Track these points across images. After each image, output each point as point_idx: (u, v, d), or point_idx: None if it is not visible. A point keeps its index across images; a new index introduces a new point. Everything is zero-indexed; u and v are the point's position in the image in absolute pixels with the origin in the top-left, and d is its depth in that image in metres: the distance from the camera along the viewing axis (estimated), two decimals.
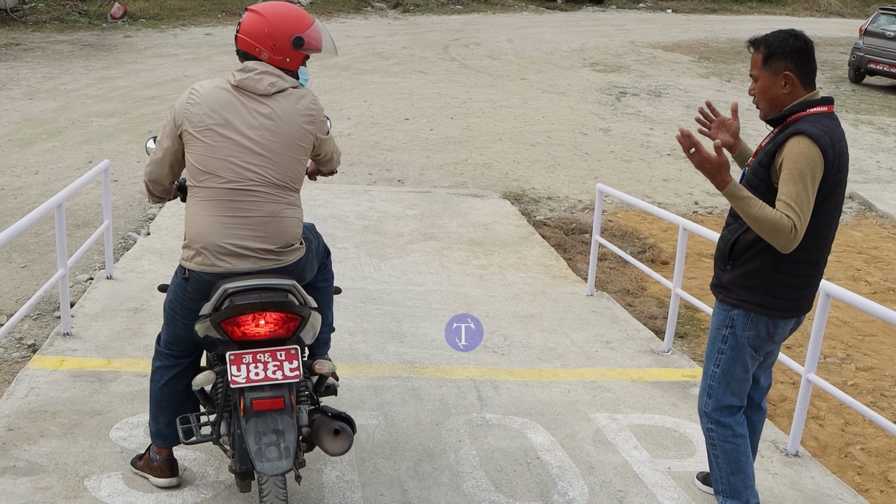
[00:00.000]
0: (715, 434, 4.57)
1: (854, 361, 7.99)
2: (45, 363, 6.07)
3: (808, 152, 3.98)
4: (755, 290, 4.29)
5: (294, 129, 4.16)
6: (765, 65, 4.21)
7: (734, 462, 4.55)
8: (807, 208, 3.97)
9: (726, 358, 4.46)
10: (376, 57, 23.72)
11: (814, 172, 3.99)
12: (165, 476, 4.67)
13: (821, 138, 4.01)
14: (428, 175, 13.15)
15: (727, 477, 4.58)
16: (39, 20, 25.30)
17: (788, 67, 4.17)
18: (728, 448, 4.54)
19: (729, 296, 4.40)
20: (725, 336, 4.44)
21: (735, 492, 4.59)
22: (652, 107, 19.60)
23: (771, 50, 4.19)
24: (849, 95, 23.00)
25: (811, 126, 4.04)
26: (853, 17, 45.03)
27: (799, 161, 3.98)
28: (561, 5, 39.43)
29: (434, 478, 5.03)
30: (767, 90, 4.24)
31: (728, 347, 4.44)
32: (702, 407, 4.62)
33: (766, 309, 4.30)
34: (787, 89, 4.19)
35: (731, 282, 4.38)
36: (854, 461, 6.47)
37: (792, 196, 3.96)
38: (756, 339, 4.38)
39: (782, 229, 3.94)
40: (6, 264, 8.50)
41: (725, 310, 4.43)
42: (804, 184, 3.96)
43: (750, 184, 4.23)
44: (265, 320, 3.99)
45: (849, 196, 13.61)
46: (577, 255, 10.09)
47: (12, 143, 13.15)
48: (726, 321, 4.43)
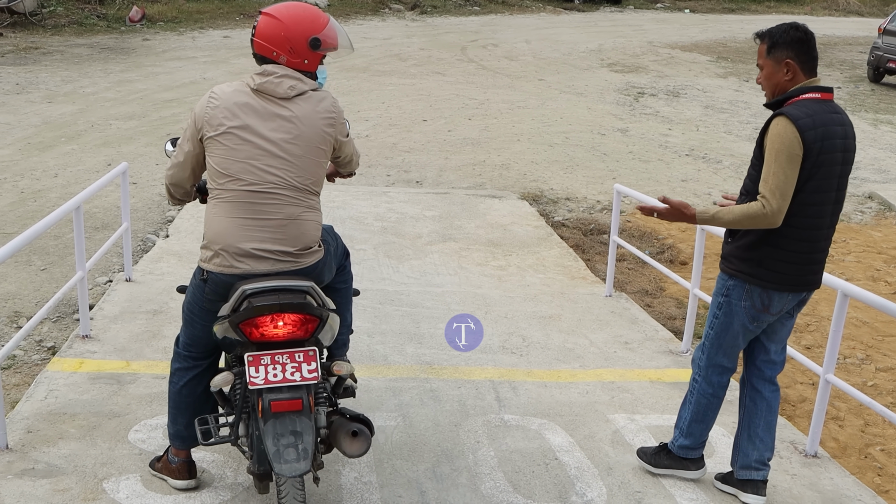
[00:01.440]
0: (697, 385, 4.98)
1: (874, 362, 7.95)
2: (65, 365, 6.09)
3: (785, 133, 4.30)
4: (750, 261, 4.59)
5: (314, 131, 4.16)
6: (769, 54, 4.52)
7: (701, 414, 4.98)
8: (783, 185, 4.29)
9: (720, 323, 4.80)
10: (394, 58, 23.74)
11: (790, 152, 4.29)
12: (184, 478, 4.68)
13: (800, 119, 4.30)
14: (446, 176, 13.15)
15: (690, 422, 5.01)
16: (58, 24, 25.43)
17: (790, 56, 4.46)
18: (703, 402, 4.96)
19: (727, 266, 4.73)
20: (721, 303, 4.77)
21: (691, 434, 5.04)
22: (670, 107, 19.56)
23: (774, 40, 4.50)
24: (868, 95, 22.89)
25: (793, 109, 4.36)
26: (872, 16, 44.86)
27: (775, 141, 4.31)
28: (578, 6, 39.39)
29: (452, 479, 5.02)
30: (771, 77, 4.55)
31: (722, 314, 4.78)
32: (696, 360, 5.02)
33: (759, 280, 4.59)
34: (789, 76, 4.49)
35: (730, 253, 4.70)
36: (874, 462, 6.44)
37: (767, 177, 4.32)
38: (752, 309, 4.67)
39: (756, 215, 4.33)
40: (26, 267, 8.54)
41: (724, 279, 4.76)
42: (779, 163, 4.29)
43: (752, 165, 4.56)
44: (284, 322, 3.99)
45: (868, 196, 13.57)
46: (595, 256, 10.07)
47: (32, 147, 13.21)
48: (723, 290, 4.75)
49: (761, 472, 4.93)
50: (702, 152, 15.56)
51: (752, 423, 4.94)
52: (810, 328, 8.52)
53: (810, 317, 8.79)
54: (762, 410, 4.94)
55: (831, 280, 5.40)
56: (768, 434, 4.93)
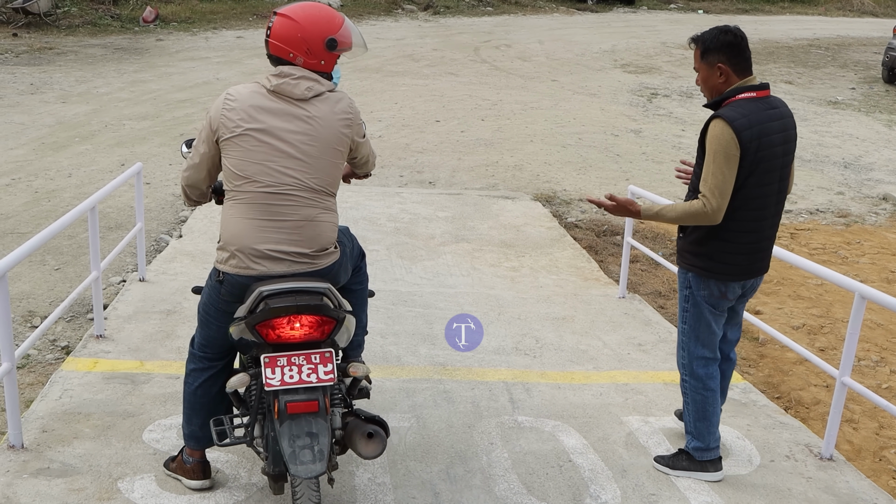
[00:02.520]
0: (688, 385, 5.14)
1: (888, 364, 7.92)
2: (79, 365, 6.11)
3: (722, 134, 4.54)
4: (702, 256, 4.86)
5: (331, 133, 4.17)
6: (702, 59, 4.79)
7: (701, 411, 5.10)
8: (721, 184, 4.54)
9: (691, 315, 5.03)
10: (407, 59, 23.75)
11: (727, 152, 4.53)
12: (198, 478, 4.69)
13: (736, 121, 4.54)
14: (459, 177, 13.15)
15: (694, 422, 5.14)
16: (72, 24, 25.50)
17: (721, 60, 4.71)
18: (698, 399, 5.10)
19: (683, 261, 5.00)
20: (686, 296, 5.03)
21: (700, 435, 5.14)
22: (683, 108, 19.52)
23: (707, 45, 4.77)
24: (882, 95, 22.81)
25: (729, 111, 4.60)
26: (887, 16, 44.71)
27: (713, 143, 4.56)
28: (592, 7, 39.34)
29: (466, 480, 5.02)
30: (706, 80, 4.80)
31: (691, 305, 5.02)
32: (679, 360, 5.19)
33: (713, 273, 4.86)
34: (723, 79, 4.73)
35: (684, 248, 4.98)
36: (889, 465, 6.42)
37: (706, 176, 4.57)
38: (711, 297, 4.94)
39: (697, 213, 4.60)
40: (40, 267, 8.56)
41: (682, 273, 5.03)
42: (717, 163, 4.54)
43: (696, 163, 4.81)
44: (300, 323, 3.99)
45: (882, 197, 13.53)
46: (608, 258, 10.06)
47: (46, 147, 13.25)
48: (685, 283, 5.02)
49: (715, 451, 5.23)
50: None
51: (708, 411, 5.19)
52: (824, 330, 8.50)
53: (824, 318, 8.77)
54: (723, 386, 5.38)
55: (848, 282, 5.40)
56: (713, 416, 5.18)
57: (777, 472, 5.36)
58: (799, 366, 7.77)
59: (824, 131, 17.73)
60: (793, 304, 9.21)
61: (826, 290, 9.53)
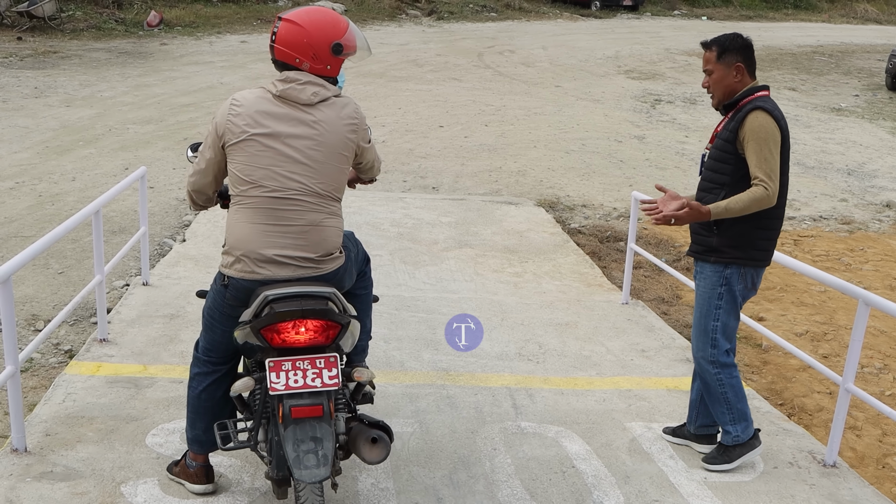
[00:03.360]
0: (723, 375, 5.27)
1: (892, 371, 7.91)
2: (82, 369, 6.11)
3: (766, 123, 4.84)
4: (743, 247, 5.05)
5: (337, 138, 4.17)
6: (719, 59, 5.04)
7: (739, 391, 5.32)
8: (775, 167, 4.83)
9: (724, 311, 5.19)
10: (411, 64, 23.77)
11: (774, 138, 4.84)
12: (201, 482, 4.68)
13: (774, 111, 4.88)
14: (462, 182, 13.15)
15: (736, 406, 5.32)
16: (77, 28, 25.55)
17: (739, 60, 5.01)
18: (734, 383, 5.29)
19: (721, 257, 5.11)
20: (721, 293, 5.16)
21: (743, 415, 5.34)
22: (687, 114, 19.53)
23: (724, 47, 5.04)
24: (886, 103, 22.81)
25: (765, 103, 4.90)
26: (890, 23, 44.74)
27: (759, 132, 4.83)
28: (596, 13, 39.40)
29: (469, 486, 5.02)
30: (722, 80, 5.06)
31: (724, 302, 5.17)
32: (707, 356, 5.29)
33: (752, 261, 5.09)
34: (738, 78, 5.03)
35: (723, 244, 5.09)
36: (892, 472, 6.41)
37: (760, 163, 4.81)
38: (744, 290, 5.17)
39: (761, 198, 4.80)
40: (43, 270, 8.57)
41: (718, 270, 5.14)
42: (769, 149, 4.82)
43: (717, 160, 5.08)
44: (305, 328, 3.99)
45: (886, 204, 13.53)
46: (612, 263, 10.06)
47: (50, 150, 13.26)
48: (720, 280, 5.15)
49: (715, 427, 5.56)
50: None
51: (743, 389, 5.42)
52: (827, 337, 8.49)
53: (827, 325, 8.76)
54: None
55: (851, 289, 5.40)
56: None
57: (780, 478, 5.36)
58: (802, 372, 7.76)
59: (828, 138, 17.73)
60: (796, 310, 9.20)
61: (829, 297, 9.52)
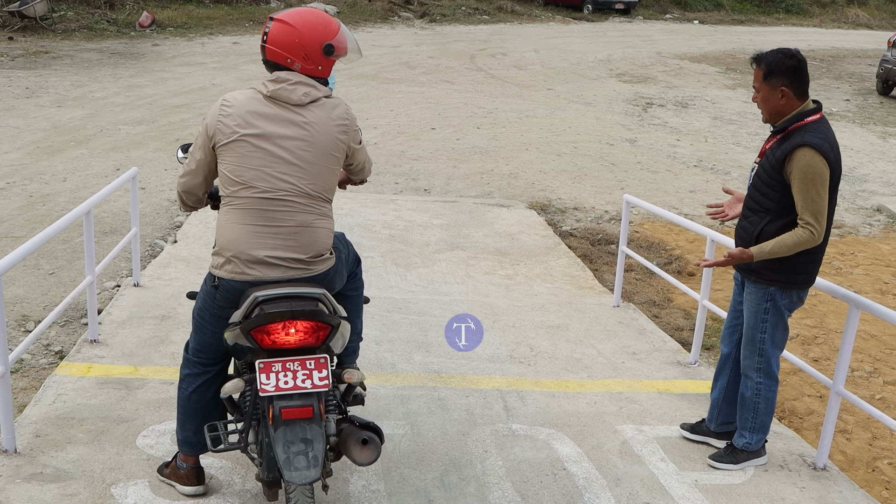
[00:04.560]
0: (764, 386, 5.35)
1: (882, 375, 7.93)
2: (73, 370, 6.10)
3: (815, 162, 4.78)
4: (784, 270, 5.08)
5: (328, 139, 4.16)
6: (765, 80, 4.97)
7: (771, 405, 5.40)
8: (823, 208, 4.84)
9: (771, 325, 5.24)
10: (403, 66, 23.76)
11: (822, 178, 4.80)
12: (192, 484, 4.68)
13: (822, 146, 4.80)
14: (454, 184, 13.16)
15: (762, 418, 5.42)
16: (68, 28, 25.48)
17: (784, 83, 4.91)
18: (770, 396, 5.37)
19: (761, 278, 5.15)
20: (767, 308, 5.21)
21: (764, 427, 5.45)
22: (679, 118, 19.55)
23: (770, 68, 4.93)
24: (877, 107, 22.87)
25: (812, 138, 4.82)
26: (881, 28, 44.83)
27: (807, 171, 4.79)
28: (588, 16, 39.43)
29: (460, 488, 5.02)
30: (767, 101, 5.01)
31: (770, 316, 5.22)
32: (753, 365, 5.35)
33: (794, 284, 5.14)
34: (784, 101, 4.95)
35: (762, 267, 5.11)
36: (882, 476, 6.42)
37: (807, 205, 4.82)
38: (790, 304, 5.23)
39: (807, 241, 4.85)
40: (34, 271, 8.55)
41: (762, 289, 5.18)
42: (816, 190, 4.80)
43: (764, 183, 5.05)
44: (295, 329, 3.98)
45: (876, 209, 13.56)
46: (603, 266, 10.06)
47: (41, 151, 13.23)
48: (765, 297, 5.19)
49: (734, 424, 5.62)
50: (710, 163, 15.56)
51: (735, 391, 5.58)
52: (818, 340, 8.50)
53: (818, 329, 8.78)
54: None
55: (843, 293, 5.41)
56: None
57: (771, 481, 5.36)
58: (793, 376, 7.78)
59: None
60: None
61: (820, 301, 9.54)
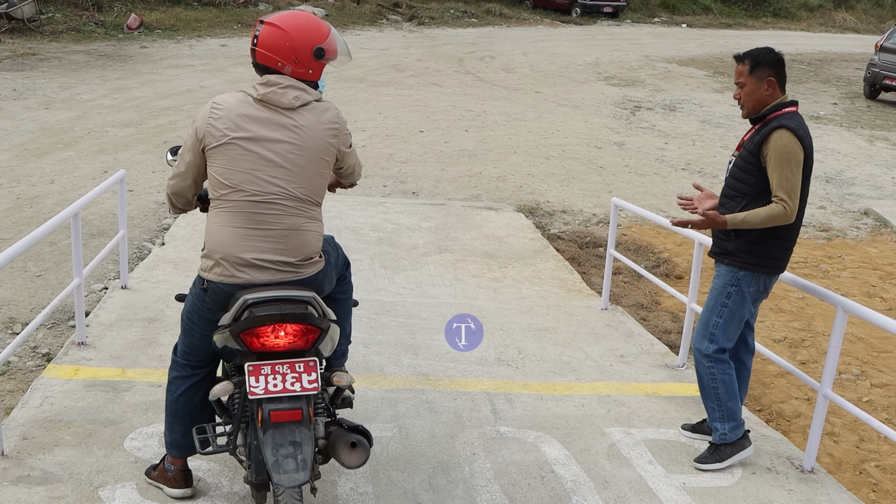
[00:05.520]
0: (716, 370, 5.47)
1: (869, 378, 7.96)
2: (60, 372, 6.08)
3: (790, 143, 5.01)
4: (757, 254, 5.25)
5: (318, 142, 4.16)
6: (752, 73, 5.20)
7: (731, 389, 5.49)
8: (795, 186, 5.03)
9: (728, 310, 5.39)
10: (391, 69, 23.76)
11: (796, 158, 5.03)
12: (180, 486, 4.67)
13: (798, 130, 5.04)
14: (442, 187, 13.16)
15: (726, 404, 5.50)
16: (56, 30, 25.41)
17: (771, 74, 5.18)
18: (727, 379, 5.48)
19: (735, 260, 5.32)
20: (730, 293, 5.36)
21: (732, 414, 5.51)
22: (667, 121, 19.60)
23: (756, 61, 5.19)
24: (864, 111, 22.96)
25: (790, 121, 5.06)
26: (868, 32, 45.03)
27: (782, 151, 5.01)
28: (576, 19, 39.48)
29: (448, 491, 5.02)
30: (753, 93, 5.22)
31: (731, 302, 5.37)
32: (703, 350, 5.49)
33: (765, 268, 5.29)
34: (769, 92, 5.19)
35: (737, 249, 5.29)
36: (869, 478, 6.44)
37: (782, 182, 5.02)
38: (757, 293, 5.37)
39: (779, 215, 5.02)
40: (21, 273, 8.52)
41: (732, 272, 5.35)
42: (791, 169, 5.02)
43: (741, 169, 5.25)
44: (285, 332, 3.98)
45: (863, 212, 13.61)
46: (591, 269, 10.08)
47: (28, 153, 13.19)
48: (732, 281, 5.35)
49: None
50: (698, 166, 15.60)
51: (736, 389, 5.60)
52: (805, 343, 8.53)
53: (805, 332, 8.81)
54: (744, 378, 5.79)
55: (830, 296, 5.43)
56: (744, 396, 5.81)
57: (758, 483, 5.38)
58: (780, 379, 7.80)
59: None
60: (774, 317, 9.24)
61: (807, 304, 9.57)
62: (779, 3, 48.45)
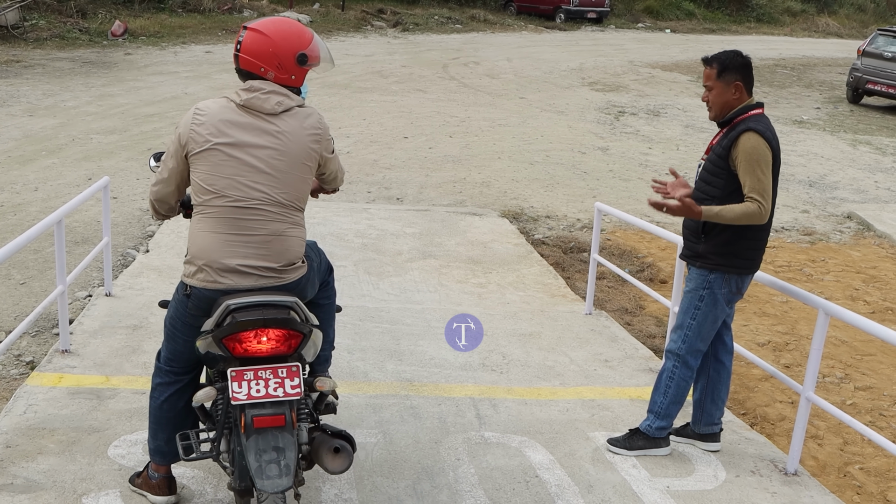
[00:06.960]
0: (678, 372, 5.57)
1: (853, 381, 7.99)
2: (44, 380, 6.06)
3: (758, 145, 5.07)
4: (728, 255, 5.30)
5: (300, 148, 4.17)
6: (719, 77, 5.26)
7: (681, 395, 5.62)
8: (768, 187, 5.09)
9: (702, 313, 5.44)
10: (376, 75, 23.77)
11: (766, 159, 5.08)
12: (164, 494, 4.66)
13: (765, 132, 5.11)
14: (427, 193, 13.17)
15: (670, 404, 5.63)
16: (40, 37, 25.35)
17: (738, 78, 5.25)
18: (682, 385, 5.59)
19: (706, 262, 5.37)
20: (703, 296, 5.41)
21: (669, 415, 5.67)
22: (650, 126, 19.65)
23: (724, 65, 5.25)
24: (847, 115, 23.07)
25: (757, 124, 5.14)
26: (851, 37, 45.23)
27: (752, 153, 5.07)
28: (560, 25, 39.55)
29: (433, 496, 5.02)
30: (721, 96, 5.29)
31: (704, 304, 5.42)
32: (674, 349, 5.58)
33: (736, 269, 5.33)
34: (737, 95, 5.27)
35: (707, 251, 5.36)
36: (853, 481, 6.47)
37: (754, 184, 5.07)
38: (730, 294, 5.40)
39: (753, 214, 5.06)
40: (5, 281, 8.50)
41: (703, 274, 5.41)
42: (762, 170, 5.07)
43: (710, 172, 5.34)
44: (267, 337, 3.98)
45: (846, 216, 13.67)
46: (575, 274, 10.10)
47: (12, 160, 13.15)
48: (703, 284, 5.41)
49: (719, 425, 5.86)
50: (682, 171, 15.56)
51: (715, 390, 5.75)
52: (789, 347, 8.56)
53: (789, 335, 8.84)
54: (724, 378, 5.78)
55: (813, 299, 5.47)
56: (725, 397, 5.83)
57: (742, 487, 5.40)
58: (764, 382, 7.82)
59: (790, 150, 17.87)
60: (758, 320, 9.28)
61: (791, 308, 9.60)
62: (762, 8, 48.67)
